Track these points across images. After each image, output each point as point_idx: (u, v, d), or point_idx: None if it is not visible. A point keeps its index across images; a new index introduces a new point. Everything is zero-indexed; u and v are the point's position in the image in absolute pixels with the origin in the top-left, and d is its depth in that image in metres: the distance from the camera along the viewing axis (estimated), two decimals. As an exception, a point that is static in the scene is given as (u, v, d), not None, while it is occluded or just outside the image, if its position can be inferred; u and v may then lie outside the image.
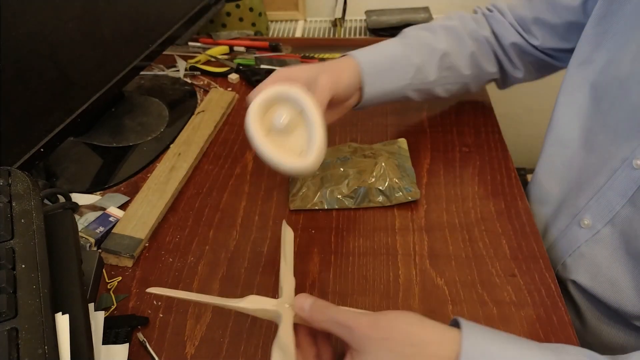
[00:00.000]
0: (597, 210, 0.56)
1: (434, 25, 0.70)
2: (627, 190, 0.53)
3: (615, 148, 0.54)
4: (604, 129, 0.56)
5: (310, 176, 0.63)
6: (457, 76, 0.70)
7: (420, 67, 0.66)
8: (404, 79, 0.66)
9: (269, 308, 0.41)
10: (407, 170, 0.64)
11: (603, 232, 0.56)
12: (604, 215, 0.55)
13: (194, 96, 0.83)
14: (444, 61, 0.68)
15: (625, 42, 0.54)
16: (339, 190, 0.61)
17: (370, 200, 0.61)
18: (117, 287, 0.53)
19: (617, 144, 0.54)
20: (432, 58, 0.67)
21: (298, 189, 0.62)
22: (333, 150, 0.67)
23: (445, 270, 0.54)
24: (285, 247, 0.49)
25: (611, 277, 0.55)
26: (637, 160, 0.51)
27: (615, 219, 0.54)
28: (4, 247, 0.36)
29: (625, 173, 0.53)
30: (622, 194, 0.53)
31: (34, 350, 0.31)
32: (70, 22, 0.59)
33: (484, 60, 0.71)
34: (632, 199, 0.52)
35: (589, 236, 0.57)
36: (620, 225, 0.54)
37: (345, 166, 0.63)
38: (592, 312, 0.58)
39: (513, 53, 0.71)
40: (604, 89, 0.56)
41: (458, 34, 0.69)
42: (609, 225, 0.55)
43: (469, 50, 0.69)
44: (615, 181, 0.54)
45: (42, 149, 0.57)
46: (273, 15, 1.21)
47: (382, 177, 0.61)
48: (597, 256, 0.56)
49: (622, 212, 0.53)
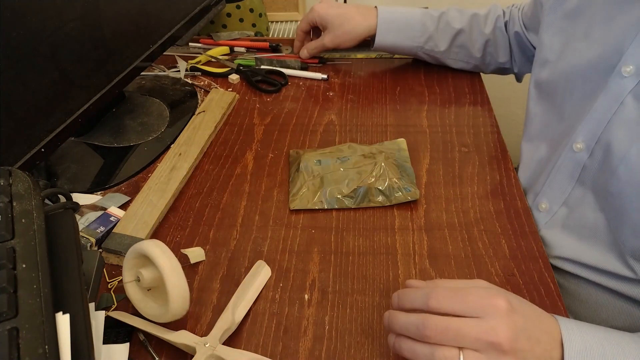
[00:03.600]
0: (551, 193, 0.60)
1: (467, 10, 0.82)
2: (573, 172, 0.57)
3: (563, 136, 0.59)
4: (560, 122, 0.61)
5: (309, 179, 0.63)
6: (467, 55, 0.83)
7: (432, 36, 0.81)
8: (414, 41, 0.81)
9: (188, 343, 0.45)
10: (406, 170, 0.64)
11: (559, 213, 0.59)
12: (557, 197, 0.59)
13: (195, 96, 0.83)
14: (457, 39, 0.81)
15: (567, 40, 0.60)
16: (338, 190, 0.61)
17: (370, 200, 0.61)
18: (118, 287, 0.53)
19: (566, 132, 0.59)
20: (446, 33, 0.80)
21: (298, 189, 0.62)
22: (333, 150, 0.67)
23: (444, 270, 0.54)
24: (252, 283, 0.52)
25: (571, 255, 0.58)
26: (577, 144, 0.56)
27: (569, 200, 0.58)
28: (4, 247, 0.36)
29: (568, 156, 0.57)
30: (569, 176, 0.58)
31: (34, 350, 0.31)
32: (71, 23, 0.59)
33: (497, 50, 0.81)
34: (580, 179, 0.57)
35: (548, 219, 0.60)
36: (573, 205, 0.58)
37: (345, 166, 0.63)
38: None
39: (515, 44, 0.80)
40: (555, 84, 0.61)
41: (480, 21, 0.80)
42: (563, 207, 0.59)
43: (484, 38, 0.80)
44: (561, 165, 0.58)
45: (43, 149, 0.57)
46: (273, 16, 1.21)
47: (381, 177, 0.61)
48: (557, 237, 0.59)
49: (574, 193, 0.58)
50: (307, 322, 0.49)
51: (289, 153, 0.70)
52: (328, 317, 0.50)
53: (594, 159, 0.55)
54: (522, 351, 0.38)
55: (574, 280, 0.59)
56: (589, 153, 0.55)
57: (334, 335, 0.48)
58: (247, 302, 0.50)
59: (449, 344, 0.38)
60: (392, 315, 0.41)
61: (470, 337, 0.37)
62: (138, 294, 0.48)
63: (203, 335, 0.46)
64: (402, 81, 0.86)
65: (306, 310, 0.50)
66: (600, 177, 0.54)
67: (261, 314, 0.50)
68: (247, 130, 0.75)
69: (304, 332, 0.48)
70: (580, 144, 0.56)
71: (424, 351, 0.38)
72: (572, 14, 0.60)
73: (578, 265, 0.57)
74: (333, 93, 0.84)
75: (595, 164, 0.55)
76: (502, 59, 0.82)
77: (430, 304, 0.39)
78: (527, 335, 0.38)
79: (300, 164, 0.65)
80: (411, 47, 0.82)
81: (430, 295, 0.39)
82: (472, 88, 0.83)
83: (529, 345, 0.38)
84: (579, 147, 0.56)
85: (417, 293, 0.41)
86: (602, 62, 0.54)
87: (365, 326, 0.49)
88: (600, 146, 0.54)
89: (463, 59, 0.83)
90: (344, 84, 0.86)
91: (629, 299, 0.54)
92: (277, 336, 0.48)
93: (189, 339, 0.45)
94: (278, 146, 0.72)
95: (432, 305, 0.39)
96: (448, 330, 0.37)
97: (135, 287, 0.48)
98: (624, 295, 0.54)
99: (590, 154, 0.55)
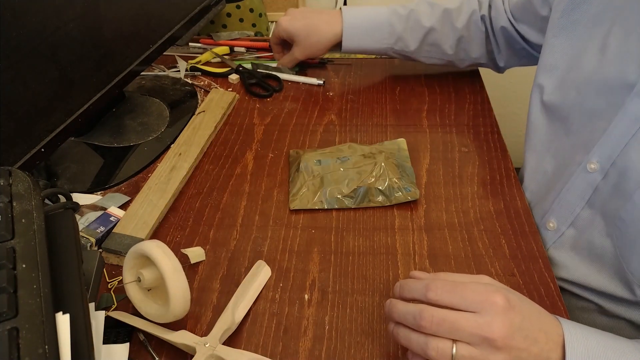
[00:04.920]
0: (560, 212, 0.57)
1: (437, 4, 0.77)
2: (584, 193, 0.54)
3: (574, 152, 0.56)
4: (565, 135, 0.58)
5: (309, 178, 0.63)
6: (440, 53, 0.79)
7: (401, 36, 0.78)
8: (383, 43, 0.79)
9: (188, 343, 0.45)
10: (406, 170, 0.64)
11: (567, 234, 0.57)
12: (566, 218, 0.57)
13: (195, 96, 0.83)
14: (428, 37, 0.77)
15: (581, 49, 0.56)
16: (338, 190, 0.61)
17: (370, 200, 0.61)
18: (118, 287, 0.53)
19: (575, 148, 0.56)
20: (416, 32, 0.77)
21: (298, 189, 0.62)
22: (333, 150, 0.67)
23: (444, 270, 0.54)
24: (251, 283, 0.52)
25: (578, 278, 0.56)
26: (591, 164, 0.53)
27: (577, 221, 0.56)
28: (4, 247, 0.36)
29: (581, 176, 0.54)
30: (580, 197, 0.55)
31: (34, 350, 0.31)
32: (71, 22, 0.59)
33: (471, 45, 0.78)
34: (590, 201, 0.54)
35: (555, 238, 0.58)
36: (581, 227, 0.56)
37: (345, 166, 0.63)
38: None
39: (501, 38, 0.76)
40: (563, 95, 0.58)
41: (452, 16, 0.76)
42: (571, 228, 0.57)
43: (457, 34, 0.76)
44: (572, 184, 0.55)
45: (43, 149, 0.57)
46: (273, 16, 1.21)
47: (381, 177, 0.61)
48: (564, 258, 0.58)
49: (583, 215, 0.55)
50: (307, 322, 0.49)
51: (289, 153, 0.70)
52: (328, 317, 0.50)
53: (607, 182, 0.52)
54: (517, 349, 0.38)
55: (580, 303, 0.58)
56: (603, 175, 0.52)
57: (334, 335, 0.48)
58: (247, 302, 0.50)
59: (444, 335, 0.38)
60: (392, 303, 0.42)
61: (465, 331, 0.37)
62: (138, 294, 0.48)
63: (203, 335, 0.46)
64: (402, 81, 0.86)
65: (306, 310, 0.50)
66: (612, 202, 0.51)
67: (261, 314, 0.50)
68: (247, 130, 0.75)
69: (304, 332, 0.48)
70: (595, 164, 0.52)
71: (419, 340, 0.39)
72: (588, 21, 0.56)
73: (584, 289, 0.56)
74: (333, 93, 0.84)
75: (608, 187, 0.52)
76: (476, 54, 0.79)
77: (429, 296, 0.40)
78: (524, 334, 0.38)
79: (301, 164, 0.65)
80: (379, 49, 0.80)
81: (430, 287, 0.40)
82: (472, 88, 0.83)
83: (525, 344, 0.38)
84: (593, 168, 0.53)
85: (418, 284, 0.41)
86: (619, 79, 0.50)
87: (366, 326, 0.49)
88: (615, 169, 0.51)
89: (435, 56, 0.80)
90: (344, 83, 0.86)
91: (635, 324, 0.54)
92: (277, 336, 0.48)
93: (189, 339, 0.45)
94: (278, 146, 0.72)
95: (430, 296, 0.40)
96: (444, 322, 0.38)
97: (135, 288, 0.48)
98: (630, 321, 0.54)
99: (605, 176, 0.52)
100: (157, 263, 0.45)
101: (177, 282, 0.45)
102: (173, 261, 0.45)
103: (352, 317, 0.50)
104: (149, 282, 0.47)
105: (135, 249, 0.47)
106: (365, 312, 0.50)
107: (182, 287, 0.45)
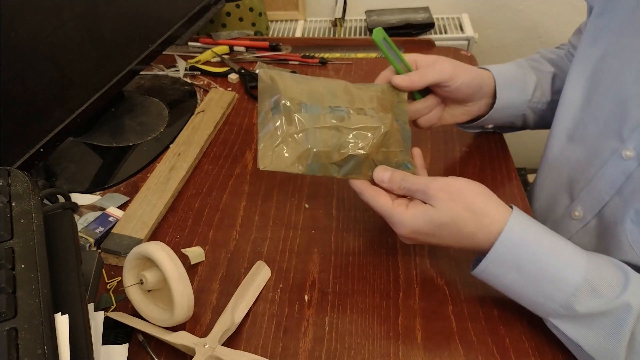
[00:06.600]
0: (588, 201, 0.57)
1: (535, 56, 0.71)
2: (615, 181, 0.54)
3: (604, 140, 0.55)
4: (594, 122, 0.57)
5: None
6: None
7: (538, 84, 0.66)
8: (526, 93, 0.65)
9: (187, 344, 0.45)
10: (405, 134, 0.56)
11: (592, 222, 0.57)
12: (594, 206, 0.56)
13: (194, 96, 0.83)
14: (555, 83, 0.68)
15: (620, 36, 0.55)
16: (327, 155, 0.48)
17: (361, 172, 0.50)
18: (117, 288, 0.53)
19: (606, 136, 0.55)
20: (545, 78, 0.67)
21: (273, 142, 0.47)
22: (323, 91, 0.52)
23: (445, 271, 0.54)
24: (251, 284, 0.51)
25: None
26: (627, 152, 0.53)
27: (604, 209, 0.55)
28: (3, 247, 0.36)
29: (615, 164, 0.54)
30: (611, 185, 0.54)
31: (33, 351, 0.31)
32: (70, 22, 0.58)
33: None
34: (620, 189, 0.54)
35: (580, 227, 0.58)
36: (608, 216, 0.55)
37: (338, 123, 0.49)
38: None
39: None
40: (598, 81, 0.57)
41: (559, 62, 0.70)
42: (597, 216, 0.56)
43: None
44: (605, 172, 0.55)
45: (42, 149, 0.57)
46: (273, 15, 1.21)
47: (382, 147, 0.51)
48: (587, 247, 0.57)
49: (611, 203, 0.55)
50: (307, 323, 0.49)
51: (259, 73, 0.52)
52: (328, 318, 0.49)
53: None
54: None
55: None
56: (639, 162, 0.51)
57: (334, 336, 0.48)
58: (246, 303, 0.50)
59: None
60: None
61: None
62: (139, 295, 0.48)
63: (202, 336, 0.46)
64: (402, 81, 0.86)
65: (306, 311, 0.50)
66: None
67: (261, 314, 0.50)
68: (247, 130, 0.75)
69: (304, 333, 0.48)
70: (631, 152, 0.52)
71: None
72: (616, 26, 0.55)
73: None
74: (333, 93, 0.83)
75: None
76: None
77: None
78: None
79: (281, 101, 0.49)
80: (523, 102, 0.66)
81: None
82: (472, 88, 0.83)
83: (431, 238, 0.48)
84: (629, 155, 0.52)
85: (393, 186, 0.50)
86: None
87: (366, 327, 0.49)
88: None
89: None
90: (343, 83, 0.86)
91: None
92: (277, 337, 0.48)
93: (188, 340, 0.45)
94: (278, 146, 0.72)
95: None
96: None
97: (136, 289, 0.48)
98: None
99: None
100: (162, 267, 0.45)
101: (182, 289, 0.45)
102: (178, 267, 0.45)
103: (352, 318, 0.49)
104: (151, 285, 0.47)
105: (137, 251, 0.47)
106: (365, 313, 0.50)
107: (187, 293, 0.45)
